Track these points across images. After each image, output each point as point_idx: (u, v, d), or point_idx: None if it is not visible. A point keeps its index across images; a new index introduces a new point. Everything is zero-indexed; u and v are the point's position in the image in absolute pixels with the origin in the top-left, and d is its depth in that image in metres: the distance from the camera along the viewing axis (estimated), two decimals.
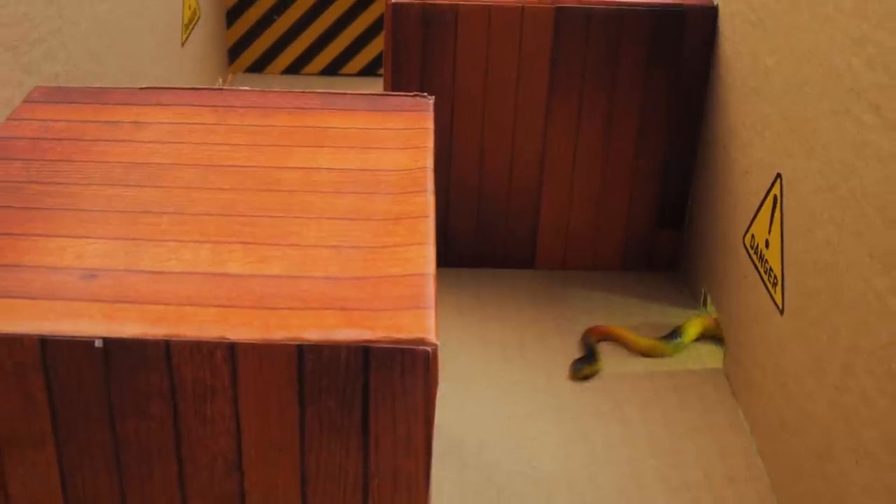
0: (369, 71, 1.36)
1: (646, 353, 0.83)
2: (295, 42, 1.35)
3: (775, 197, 0.69)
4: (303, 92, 0.65)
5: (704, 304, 0.89)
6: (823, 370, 0.61)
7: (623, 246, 0.94)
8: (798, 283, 0.66)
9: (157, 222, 0.49)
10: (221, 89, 0.66)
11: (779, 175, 0.69)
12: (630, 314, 0.90)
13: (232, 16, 1.33)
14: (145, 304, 0.43)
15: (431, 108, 0.63)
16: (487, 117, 0.88)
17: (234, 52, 1.36)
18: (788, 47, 0.68)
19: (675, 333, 0.84)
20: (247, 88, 0.66)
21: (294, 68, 1.37)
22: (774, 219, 0.70)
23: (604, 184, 0.91)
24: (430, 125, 0.61)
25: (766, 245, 0.71)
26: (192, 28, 1.14)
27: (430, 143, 0.58)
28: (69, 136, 0.59)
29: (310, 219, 0.50)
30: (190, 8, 1.12)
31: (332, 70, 1.37)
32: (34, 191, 0.53)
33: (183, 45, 1.09)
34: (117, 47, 0.85)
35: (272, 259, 0.46)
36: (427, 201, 0.51)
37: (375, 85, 1.28)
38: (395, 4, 0.84)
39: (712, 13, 0.84)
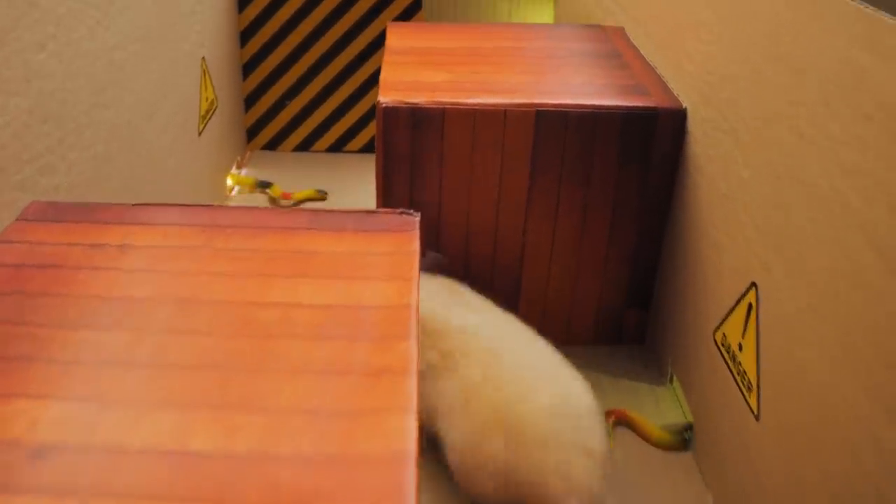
0: (370, 148, 1.23)
1: (661, 447, 0.70)
2: (305, 123, 1.22)
3: (750, 305, 0.57)
4: (291, 209, 0.52)
5: (671, 381, 0.76)
6: (802, 479, 0.48)
7: (594, 322, 0.82)
8: (776, 395, 0.53)
9: (123, 378, 0.37)
10: (211, 206, 0.53)
11: (754, 284, 0.56)
12: (602, 389, 0.77)
13: (249, 101, 1.21)
14: (93, 499, 0.30)
15: (417, 226, 0.50)
16: (472, 208, 0.75)
17: (252, 132, 1.23)
18: (765, 162, 0.55)
19: (689, 429, 0.71)
20: (236, 205, 0.53)
21: (304, 146, 1.24)
22: (749, 326, 0.57)
23: (578, 267, 0.78)
24: (416, 246, 0.48)
25: (740, 348, 0.58)
26: (210, 117, 1.01)
27: (416, 272, 0.45)
28: (53, 261, 0.46)
29: (285, 373, 0.37)
30: (207, 100, 0.99)
31: (338, 147, 1.24)
32: (4, 333, 0.40)
33: (200, 134, 0.96)
34: (126, 151, 0.72)
35: (240, 431, 0.33)
36: (410, 351, 0.38)
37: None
38: (385, 108, 0.71)
39: (681, 116, 0.72)
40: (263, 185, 1.11)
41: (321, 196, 1.10)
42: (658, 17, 0.79)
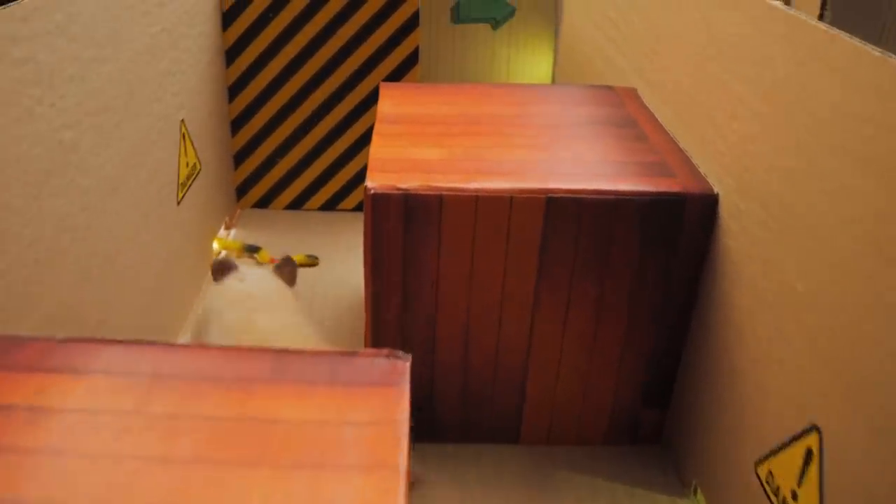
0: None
1: None
2: (297, 180, 1.09)
3: (810, 451, 0.44)
4: (252, 350, 0.40)
5: (694, 493, 0.63)
6: None
7: (607, 422, 0.69)
8: None
9: None
10: (155, 345, 0.40)
11: (816, 428, 0.43)
12: (616, 498, 0.64)
13: (239, 158, 1.08)
14: None
15: (407, 375, 0.38)
16: (473, 304, 0.63)
17: (242, 190, 1.10)
18: (830, 277, 0.43)
19: None
20: (186, 343, 0.40)
21: (297, 204, 1.11)
22: (808, 477, 0.44)
23: (591, 366, 0.65)
24: (406, 410, 0.35)
25: (794, 497, 0.45)
26: (192, 182, 0.88)
27: (404, 458, 0.33)
28: None
29: None
30: (188, 165, 0.87)
31: (332, 205, 1.11)
32: None
33: (179, 202, 0.83)
34: (80, 241, 0.59)
35: None
36: None
37: None
38: (374, 195, 0.59)
39: (712, 202, 0.59)
40: (251, 250, 0.99)
41: (312, 262, 0.98)
42: (679, 84, 0.67)
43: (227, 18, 0.98)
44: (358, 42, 1.00)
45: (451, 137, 0.67)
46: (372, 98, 1.03)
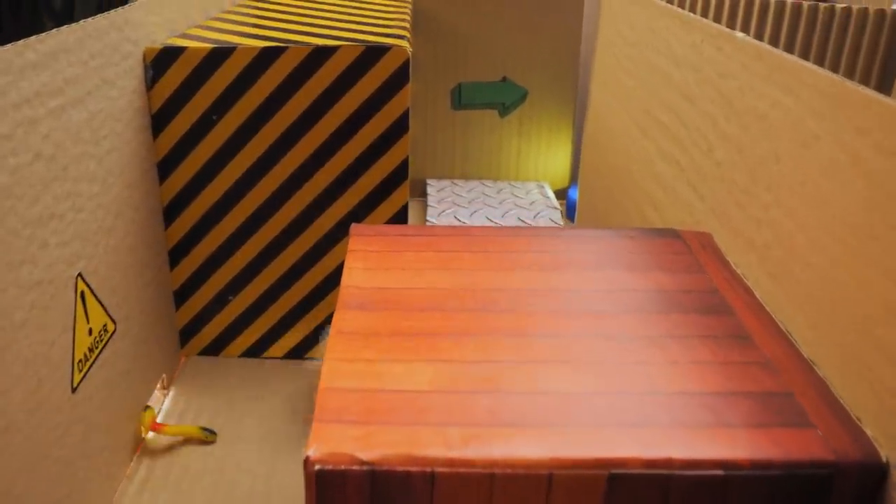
0: None
1: None
2: (257, 321, 0.86)
3: None
4: None
5: None
6: None
7: None
8: None
9: None
10: None
11: None
12: None
13: (181, 295, 0.84)
14: None
15: None
16: None
17: (187, 334, 0.87)
18: None
19: None
20: None
21: (255, 350, 0.88)
22: None
23: None
24: None
25: None
26: (101, 350, 0.65)
27: None
28: None
29: None
30: (91, 333, 0.63)
31: (299, 352, 0.87)
32: None
33: (76, 388, 0.60)
34: None
35: None
36: None
37: None
38: (320, 474, 0.35)
39: (877, 475, 0.35)
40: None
41: (206, 438, 0.74)
42: (805, 257, 0.43)
43: (158, 122, 0.76)
44: (330, 151, 0.77)
45: (447, 339, 0.44)
46: (350, 219, 0.80)
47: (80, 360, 0.62)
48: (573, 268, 0.52)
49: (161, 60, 0.73)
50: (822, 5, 0.82)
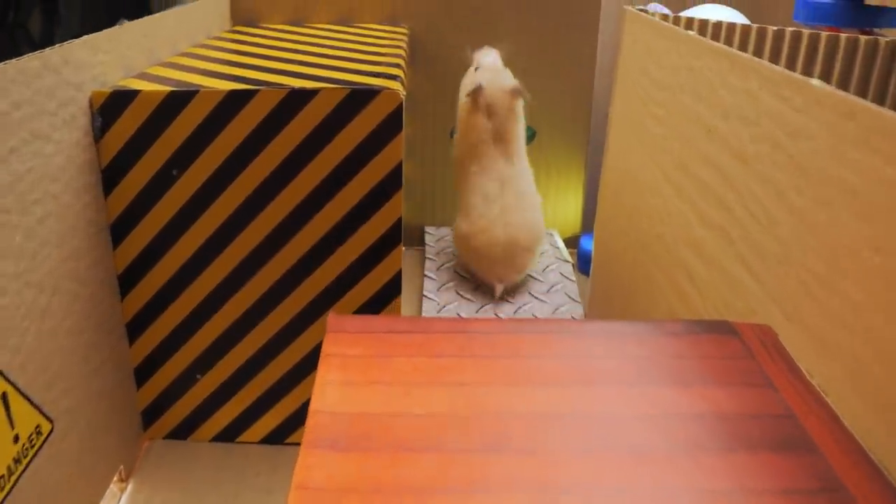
0: None
1: None
2: (230, 401, 0.74)
3: None
4: None
5: None
6: None
7: None
8: None
9: None
10: None
11: None
12: None
13: (143, 373, 0.73)
14: None
15: None
16: None
17: (150, 415, 0.75)
18: None
19: None
20: None
21: (229, 434, 0.76)
22: None
23: None
24: None
25: None
26: (34, 456, 0.53)
27: None
28: None
29: None
30: (17, 441, 0.52)
31: (278, 437, 0.76)
32: None
33: None
34: None
35: None
36: None
37: None
38: None
39: None
40: None
41: None
42: None
43: (109, 179, 0.65)
44: (310, 210, 0.66)
45: (447, 499, 0.32)
46: (335, 288, 0.69)
47: (2, 477, 0.50)
48: (604, 381, 0.41)
49: (111, 106, 0.62)
50: (882, 39, 0.71)
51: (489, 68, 0.95)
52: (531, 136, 1.08)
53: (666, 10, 0.93)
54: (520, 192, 0.94)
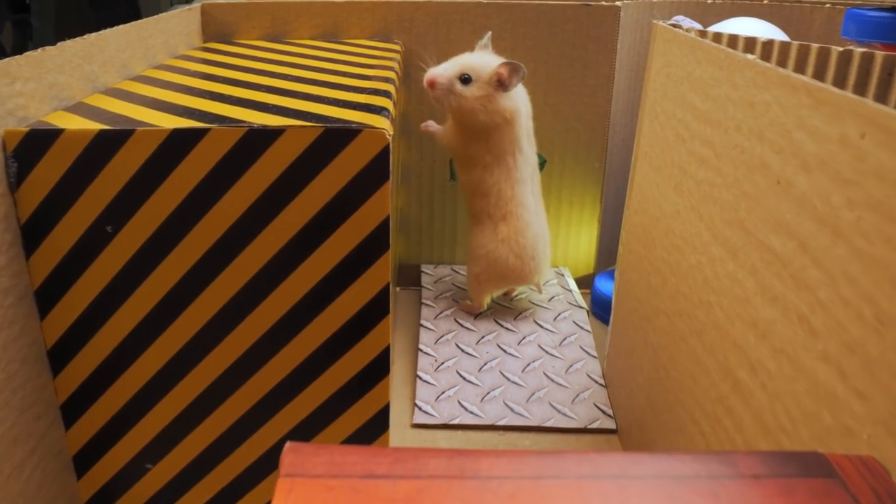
0: None
1: None
2: (186, 495, 0.62)
3: None
4: None
5: None
6: None
7: None
8: None
9: None
10: None
11: None
12: None
13: (84, 461, 0.61)
14: None
15: None
16: None
17: None
18: None
19: None
20: None
21: None
22: None
23: None
24: None
25: None
26: None
27: None
28: None
29: None
30: None
31: None
32: None
33: None
34: None
35: None
36: None
37: None
38: None
39: None
40: None
41: None
42: None
43: (31, 237, 0.52)
44: (273, 277, 0.54)
45: None
46: (309, 367, 0.57)
47: None
48: None
49: (27, 149, 0.50)
50: None
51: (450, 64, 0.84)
52: (541, 164, 0.95)
53: (697, 25, 0.81)
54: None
